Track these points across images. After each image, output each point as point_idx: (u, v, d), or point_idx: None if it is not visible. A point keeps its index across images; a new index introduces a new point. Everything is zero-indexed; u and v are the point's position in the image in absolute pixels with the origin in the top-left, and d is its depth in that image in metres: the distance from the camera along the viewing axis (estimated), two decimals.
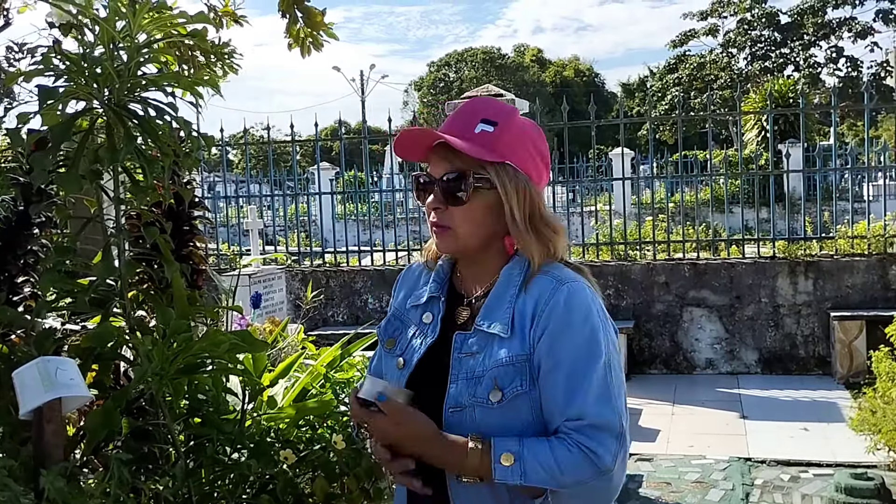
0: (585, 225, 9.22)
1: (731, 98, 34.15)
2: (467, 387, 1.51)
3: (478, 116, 1.55)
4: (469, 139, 1.52)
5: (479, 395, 1.49)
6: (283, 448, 2.18)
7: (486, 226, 1.56)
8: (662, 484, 5.15)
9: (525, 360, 1.48)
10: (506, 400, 1.47)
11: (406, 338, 1.66)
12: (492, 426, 1.48)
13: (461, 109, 1.60)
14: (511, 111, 1.59)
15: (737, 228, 9.22)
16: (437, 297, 1.65)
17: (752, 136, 18.96)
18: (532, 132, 1.58)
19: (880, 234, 7.91)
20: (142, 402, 2.03)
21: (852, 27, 40.55)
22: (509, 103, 7.32)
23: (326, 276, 8.87)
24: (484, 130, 1.53)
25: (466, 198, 1.53)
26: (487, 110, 1.57)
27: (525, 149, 1.56)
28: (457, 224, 1.55)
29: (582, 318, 1.48)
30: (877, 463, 5.07)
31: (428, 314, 1.64)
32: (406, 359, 1.63)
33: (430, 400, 1.55)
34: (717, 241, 8.71)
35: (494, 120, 1.55)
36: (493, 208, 1.54)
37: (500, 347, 1.50)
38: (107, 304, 2.01)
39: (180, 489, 1.93)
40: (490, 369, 1.49)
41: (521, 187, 1.53)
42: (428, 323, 1.63)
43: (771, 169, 9.63)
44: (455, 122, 1.57)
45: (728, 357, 8.06)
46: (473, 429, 1.48)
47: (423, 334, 1.63)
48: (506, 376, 1.48)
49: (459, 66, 53.17)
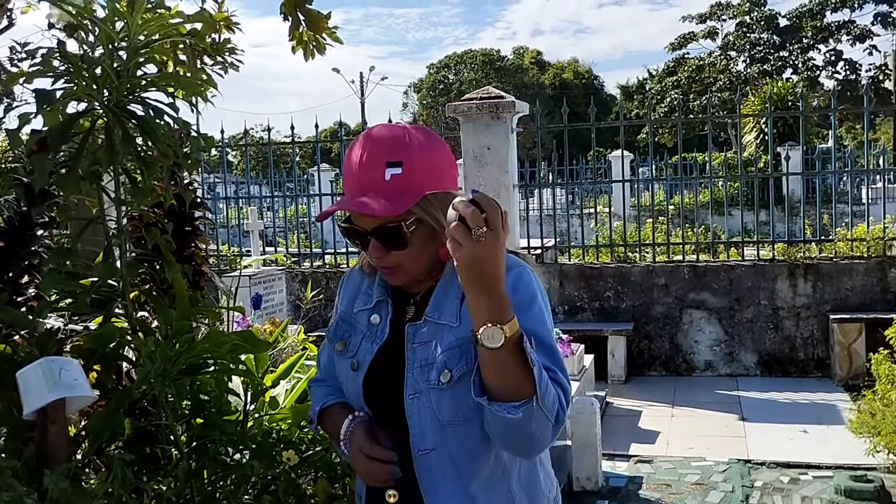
0: (585, 227, 9.22)
1: (730, 101, 34.20)
2: (422, 373, 1.59)
3: (382, 161, 1.56)
4: (383, 190, 1.54)
5: (432, 379, 1.57)
6: (286, 449, 2.19)
7: (429, 252, 1.62)
8: (662, 486, 5.15)
9: (469, 342, 1.52)
10: (454, 379, 1.55)
11: (356, 340, 1.73)
12: (445, 406, 1.57)
13: (362, 157, 1.58)
14: (407, 137, 1.59)
15: (736, 231, 9.24)
16: (384, 301, 1.72)
17: (752, 139, 18.97)
18: (433, 146, 1.61)
19: (879, 236, 7.92)
20: (144, 403, 2.04)
21: (851, 30, 40.60)
22: (509, 105, 7.33)
23: (326, 278, 8.87)
24: (394, 175, 1.55)
25: (405, 244, 1.59)
26: (388, 151, 1.57)
27: (436, 169, 1.60)
28: (402, 263, 1.62)
29: (530, 297, 1.58)
30: (876, 465, 5.08)
31: (376, 316, 1.72)
32: (360, 360, 1.70)
33: (387, 394, 1.63)
34: (717, 244, 8.72)
35: (398, 159, 1.56)
36: (430, 236, 1.60)
37: (449, 335, 1.59)
38: (109, 305, 2.01)
39: (182, 490, 1.94)
40: (440, 354, 1.58)
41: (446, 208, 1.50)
42: (376, 324, 1.71)
43: (770, 171, 9.64)
44: (363, 176, 1.57)
45: (727, 359, 8.07)
46: (431, 412, 1.58)
47: (373, 336, 1.71)
48: (453, 358, 1.56)
49: (459, 68, 53.16)
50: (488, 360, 1.42)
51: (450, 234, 1.37)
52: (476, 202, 1.35)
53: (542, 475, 1.71)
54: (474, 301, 1.41)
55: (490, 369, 1.44)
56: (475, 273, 1.38)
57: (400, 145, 1.57)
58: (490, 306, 1.40)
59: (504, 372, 1.42)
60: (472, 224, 1.35)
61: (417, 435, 1.60)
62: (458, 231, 1.36)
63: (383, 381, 1.65)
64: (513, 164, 7.60)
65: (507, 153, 7.35)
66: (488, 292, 1.40)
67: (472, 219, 1.34)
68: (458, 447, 1.59)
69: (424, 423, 1.59)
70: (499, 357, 1.41)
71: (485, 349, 1.41)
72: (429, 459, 1.60)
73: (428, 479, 1.60)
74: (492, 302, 1.40)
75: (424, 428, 1.59)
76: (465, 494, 1.59)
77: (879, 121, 36.95)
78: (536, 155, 9.29)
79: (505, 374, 1.43)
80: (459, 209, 1.35)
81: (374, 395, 1.68)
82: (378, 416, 1.69)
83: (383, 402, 1.66)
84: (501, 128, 7.34)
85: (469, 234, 1.35)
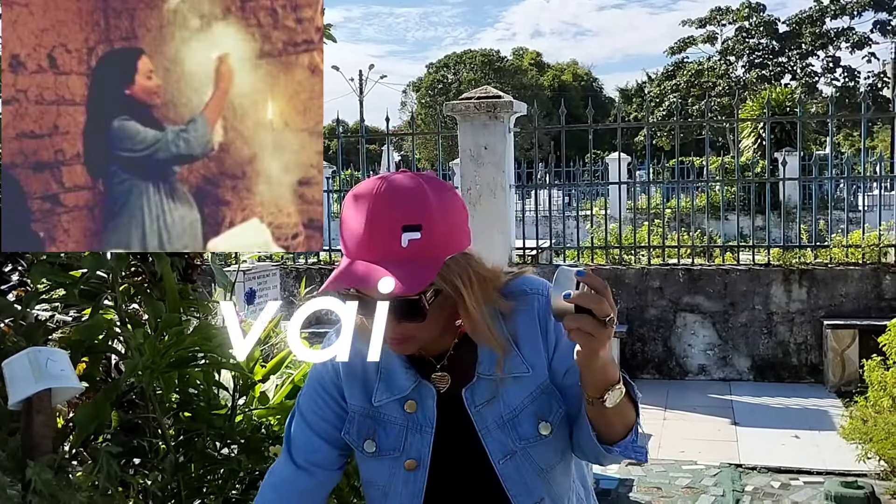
0: (581, 229, 9.22)
1: (728, 105, 34.24)
2: (504, 433, 1.48)
3: (398, 226, 1.33)
4: (400, 260, 1.32)
5: (527, 435, 1.48)
6: (274, 444, 2.17)
7: (444, 319, 1.45)
8: (653, 489, 5.15)
9: (550, 385, 1.48)
10: (555, 429, 1.48)
11: (393, 434, 1.52)
12: (548, 456, 1.50)
13: (373, 219, 1.33)
14: (422, 196, 1.36)
15: (732, 235, 9.24)
16: (416, 382, 1.50)
17: (749, 144, 18.99)
18: (449, 200, 1.40)
19: (875, 243, 7.93)
20: (132, 396, 2.02)
21: (850, 37, 40.76)
22: (507, 105, 7.32)
23: (321, 274, 8.85)
24: (412, 241, 1.33)
25: (423, 317, 1.39)
26: (404, 214, 1.34)
27: (455, 228, 1.40)
28: (416, 333, 1.43)
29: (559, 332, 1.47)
30: (867, 472, 5.08)
31: (412, 402, 1.50)
32: (416, 458, 1.50)
33: (462, 473, 1.52)
34: (712, 248, 8.72)
35: (417, 223, 1.33)
36: (446, 303, 1.42)
37: (519, 385, 1.47)
38: (98, 296, 2.00)
39: (169, 483, 1.92)
40: (523, 407, 1.48)
41: (465, 273, 1.41)
42: (413, 412, 1.50)
43: (767, 176, 9.65)
44: (375, 241, 1.33)
45: (721, 363, 8.07)
46: (533, 468, 1.48)
47: (417, 424, 1.50)
48: (544, 406, 1.48)
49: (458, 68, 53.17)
50: (607, 415, 1.37)
51: (581, 328, 1.23)
52: (592, 286, 1.23)
53: (587, 469, 1.71)
54: (593, 374, 1.32)
55: (611, 421, 1.39)
56: (602, 353, 1.28)
57: (418, 204, 1.34)
58: (608, 372, 1.33)
59: (621, 415, 1.39)
60: (602, 314, 1.22)
61: (521, 493, 1.49)
62: (589, 325, 1.22)
63: (450, 463, 1.51)
64: (509, 164, 7.59)
65: (504, 153, 7.34)
66: (606, 363, 1.31)
67: (600, 309, 1.22)
68: (558, 484, 1.53)
69: (528, 478, 1.49)
70: (617, 408, 1.36)
71: (606, 408, 1.35)
72: None
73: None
74: (608, 368, 1.32)
75: (528, 483, 1.49)
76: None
77: (877, 128, 37.02)
78: (534, 156, 9.28)
79: (622, 416, 1.39)
80: (583, 303, 1.22)
81: (435, 489, 1.51)
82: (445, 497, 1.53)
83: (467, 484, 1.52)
84: (499, 127, 7.33)
85: (601, 324, 1.23)
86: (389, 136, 10.52)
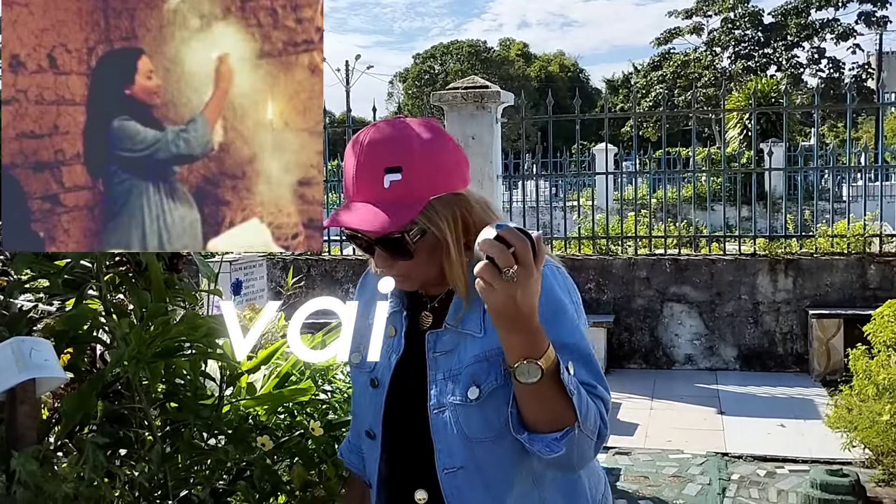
0: (568, 219, 9.23)
1: (714, 96, 34.36)
2: (446, 386, 1.51)
3: (380, 166, 1.43)
4: (383, 200, 1.42)
5: (459, 394, 1.49)
6: (261, 434, 2.16)
7: (438, 258, 1.51)
8: (640, 478, 5.17)
9: (498, 353, 1.43)
10: (483, 396, 1.47)
11: None
12: (474, 424, 1.49)
13: (359, 160, 1.46)
14: (405, 139, 1.45)
15: (718, 226, 9.27)
16: (399, 311, 1.62)
17: (735, 135, 19.05)
18: (435, 143, 1.47)
19: (860, 233, 7.98)
20: (118, 386, 2.00)
21: (835, 29, 40.93)
22: (494, 95, 7.31)
23: (308, 265, 8.83)
24: (393, 182, 1.43)
25: (410, 255, 1.49)
26: (386, 155, 1.44)
27: (442, 168, 1.47)
28: (410, 272, 1.52)
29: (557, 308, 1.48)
30: (852, 460, 5.12)
31: (391, 328, 1.60)
32: (378, 377, 1.61)
33: (410, 405, 1.56)
34: (699, 238, 8.75)
35: (398, 164, 1.43)
36: (438, 244, 1.49)
37: (473, 344, 1.50)
38: (82, 286, 1.98)
39: (156, 474, 1.91)
40: (466, 367, 1.49)
41: (451, 215, 1.47)
42: (392, 337, 1.61)
43: (753, 167, 9.68)
44: (360, 182, 1.45)
45: (707, 353, 8.11)
46: (458, 431, 1.49)
47: (389, 349, 1.60)
48: (481, 372, 1.48)
49: (445, 59, 53.10)
50: (526, 395, 1.35)
51: (478, 275, 1.25)
52: (502, 238, 1.24)
53: (585, 475, 1.63)
54: (507, 338, 1.32)
55: (529, 403, 1.37)
56: (509, 313, 1.27)
57: (399, 147, 1.44)
58: (525, 341, 1.31)
59: (543, 404, 1.35)
60: (502, 265, 1.23)
61: (444, 452, 1.51)
62: (487, 272, 1.24)
63: (404, 397, 1.57)
64: (497, 155, 7.59)
65: (491, 143, 7.33)
66: (523, 329, 1.30)
67: (500, 259, 1.23)
68: (489, 464, 1.50)
69: (451, 439, 1.50)
70: (537, 390, 1.33)
71: (521, 385, 1.33)
72: (456, 478, 1.51)
73: (455, 496, 1.52)
74: (526, 337, 1.31)
75: (451, 445, 1.50)
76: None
77: (861, 119, 37.21)
78: (521, 146, 9.27)
79: (544, 407, 1.36)
80: (486, 249, 1.24)
81: (394, 412, 1.59)
82: (398, 436, 1.60)
83: (404, 419, 1.57)
84: (486, 118, 7.32)
85: (499, 274, 1.24)
86: None
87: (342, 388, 2.50)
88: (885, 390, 4.86)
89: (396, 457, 1.61)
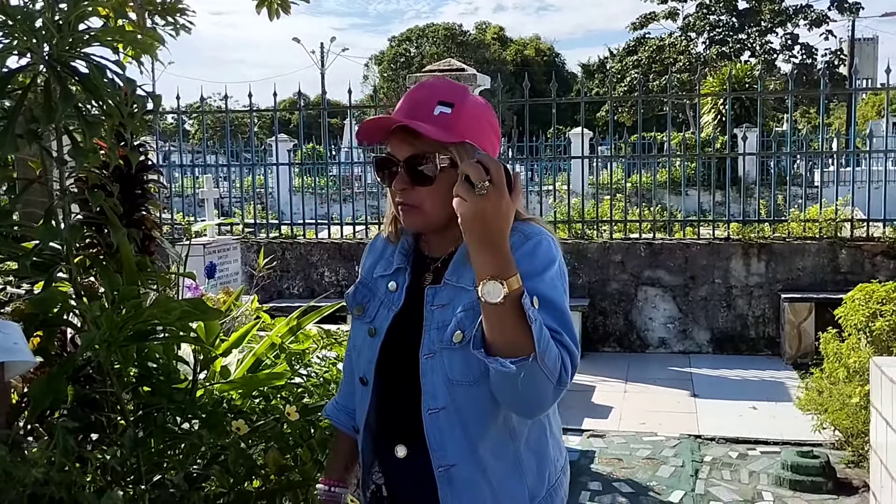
0: (543, 203, 9.24)
1: (688, 82, 34.51)
2: (438, 334, 1.62)
3: (435, 98, 1.62)
4: (429, 122, 1.59)
5: (445, 339, 1.60)
6: (236, 418, 2.14)
7: (450, 201, 1.57)
8: (614, 460, 5.21)
9: None
10: (466, 340, 1.55)
11: (374, 306, 1.77)
12: (456, 366, 1.60)
13: (417, 93, 1.67)
14: (464, 90, 1.67)
15: (692, 210, 9.31)
16: (404, 268, 1.75)
17: (709, 120, 19.18)
18: (484, 108, 1.69)
19: (831, 218, 8.06)
20: (89, 370, 1.97)
21: (808, 15, 41.16)
22: (470, 78, 7.28)
23: (282, 248, 8.78)
24: (442, 112, 1.61)
25: (434, 177, 1.61)
26: (443, 92, 1.64)
27: (480, 125, 1.65)
28: (424, 202, 1.64)
29: (546, 263, 1.59)
30: (822, 441, 5.19)
31: (393, 283, 1.74)
32: (377, 327, 1.73)
33: (402, 358, 1.67)
34: (673, 222, 8.80)
35: (451, 101, 1.62)
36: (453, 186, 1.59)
37: (466, 296, 1.59)
38: (51, 268, 1.94)
39: (128, 459, 1.88)
40: (457, 315, 1.60)
41: None
42: (393, 291, 1.74)
43: (727, 152, 9.73)
44: (413, 105, 1.64)
45: (681, 336, 8.17)
46: (444, 371, 1.60)
47: (390, 303, 1.73)
48: (467, 319, 1.58)
49: (420, 42, 52.83)
50: (489, 315, 1.44)
51: (455, 192, 1.42)
52: (480, 162, 1.41)
53: (552, 443, 1.75)
54: (477, 256, 1.44)
55: (490, 324, 1.45)
56: (478, 228, 1.41)
57: (455, 91, 1.65)
58: (492, 261, 1.43)
59: (503, 327, 1.44)
60: (475, 179, 1.39)
61: (429, 393, 1.62)
62: (462, 187, 1.41)
63: (399, 347, 1.69)
64: None
65: None
66: (491, 248, 1.43)
67: (475, 174, 1.40)
68: (467, 407, 1.61)
69: (436, 382, 1.62)
70: (499, 312, 1.42)
71: (486, 304, 1.43)
72: (437, 418, 1.62)
73: (436, 437, 1.62)
74: (494, 257, 1.43)
75: (436, 387, 1.62)
76: (472, 454, 1.62)
77: (833, 105, 37.57)
78: None
79: (504, 330, 1.44)
80: (464, 169, 1.41)
81: (387, 360, 1.71)
82: (389, 382, 1.71)
83: (396, 367, 1.69)
84: None
85: (472, 189, 1.40)
86: (352, 110, 10.40)
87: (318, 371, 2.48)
88: (855, 373, 4.93)
89: (386, 403, 1.73)
